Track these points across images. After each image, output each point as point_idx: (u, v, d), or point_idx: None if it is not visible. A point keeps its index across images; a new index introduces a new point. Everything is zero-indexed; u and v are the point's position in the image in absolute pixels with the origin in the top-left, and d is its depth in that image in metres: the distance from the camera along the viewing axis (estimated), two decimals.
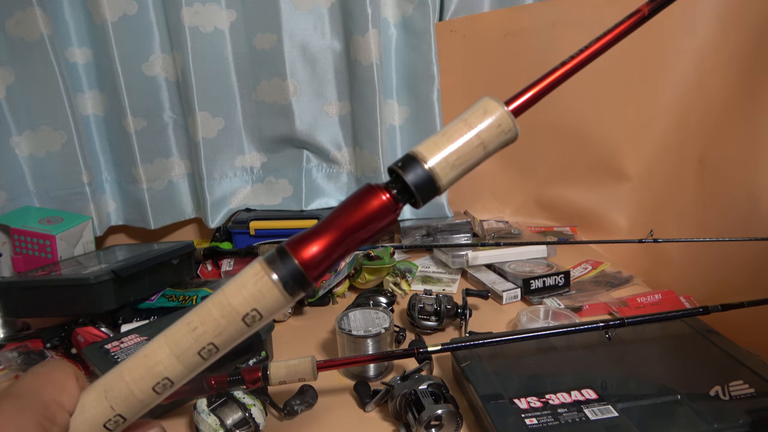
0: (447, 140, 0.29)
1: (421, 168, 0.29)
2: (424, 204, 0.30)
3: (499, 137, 0.30)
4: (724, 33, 0.89)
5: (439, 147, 0.29)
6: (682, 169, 0.96)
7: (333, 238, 0.28)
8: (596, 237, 1.16)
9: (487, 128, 0.29)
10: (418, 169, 0.29)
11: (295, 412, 0.67)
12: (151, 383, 0.29)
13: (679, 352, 0.70)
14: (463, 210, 1.28)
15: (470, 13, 1.15)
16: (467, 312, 0.86)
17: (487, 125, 0.29)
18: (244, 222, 1.16)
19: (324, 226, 0.29)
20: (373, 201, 0.29)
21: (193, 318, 0.28)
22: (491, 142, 0.30)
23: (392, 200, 0.29)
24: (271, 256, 0.28)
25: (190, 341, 0.28)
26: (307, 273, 0.28)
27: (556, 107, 1.14)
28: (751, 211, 0.80)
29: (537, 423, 0.56)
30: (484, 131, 0.29)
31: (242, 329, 0.28)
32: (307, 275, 0.28)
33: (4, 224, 1.01)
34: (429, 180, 0.29)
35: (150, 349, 0.29)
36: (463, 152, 0.29)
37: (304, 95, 1.15)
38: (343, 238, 0.28)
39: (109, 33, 1.03)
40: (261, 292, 0.27)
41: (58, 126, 1.05)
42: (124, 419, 0.30)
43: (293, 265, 0.28)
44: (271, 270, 0.27)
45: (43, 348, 0.83)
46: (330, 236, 0.28)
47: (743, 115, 0.84)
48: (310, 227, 0.29)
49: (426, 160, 0.29)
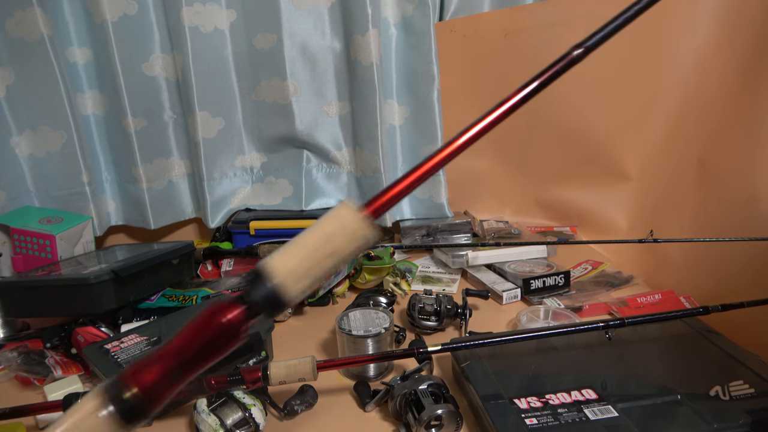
0: (300, 250, 0.29)
1: (268, 284, 0.29)
2: (276, 313, 0.30)
3: (352, 244, 0.30)
4: (724, 33, 0.89)
5: (291, 259, 0.29)
6: (682, 169, 0.96)
7: (172, 363, 0.27)
8: (596, 237, 1.16)
9: (340, 234, 0.29)
10: (264, 286, 0.29)
11: (295, 412, 0.67)
12: None
13: (679, 352, 0.70)
14: (463, 210, 1.28)
15: (470, 13, 1.15)
16: (467, 312, 0.86)
17: (341, 231, 0.29)
18: (244, 222, 1.16)
19: (164, 351, 0.27)
20: (219, 319, 0.28)
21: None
22: (344, 248, 0.30)
23: (245, 314, 0.29)
24: (108, 386, 0.27)
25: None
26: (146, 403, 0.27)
27: (557, 107, 1.14)
28: (751, 212, 0.80)
29: (537, 423, 0.56)
30: (338, 239, 0.29)
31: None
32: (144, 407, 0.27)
33: (4, 224, 1.01)
34: (274, 296, 0.29)
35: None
36: (314, 262, 0.29)
37: (304, 95, 1.15)
38: (184, 362, 0.28)
39: (109, 33, 1.03)
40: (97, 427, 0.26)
41: (58, 126, 1.05)
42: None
43: (133, 396, 0.27)
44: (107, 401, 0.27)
45: (43, 348, 0.83)
46: (170, 361, 0.27)
47: (743, 115, 0.84)
48: (155, 349, 0.28)
49: (273, 276, 0.29)
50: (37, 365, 0.77)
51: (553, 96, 1.14)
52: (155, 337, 0.76)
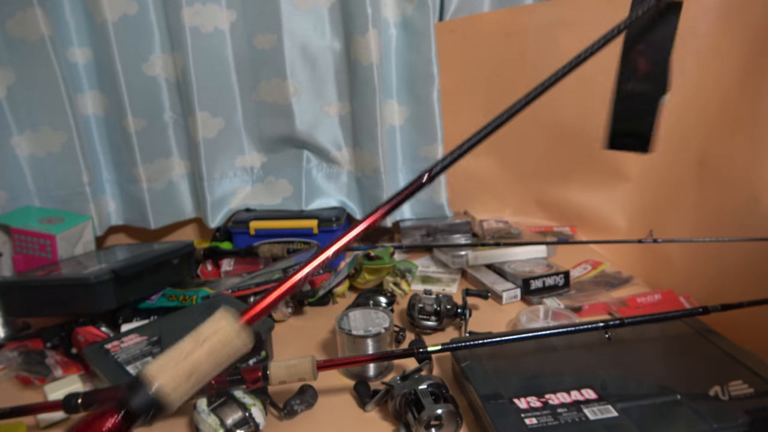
0: (178, 355, 0.31)
1: (145, 392, 0.30)
2: (159, 416, 0.31)
3: (226, 348, 0.32)
4: (724, 33, 0.89)
5: (169, 364, 0.31)
6: (681, 169, 0.96)
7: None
8: (596, 237, 1.16)
9: (216, 341, 0.32)
10: (143, 394, 0.30)
11: (295, 412, 0.67)
12: None
13: (678, 352, 0.70)
14: (463, 210, 1.29)
15: (470, 13, 1.15)
16: (467, 312, 0.86)
17: (219, 339, 0.32)
18: (244, 222, 1.16)
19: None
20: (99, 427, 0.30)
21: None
22: (221, 353, 0.32)
23: (122, 421, 0.30)
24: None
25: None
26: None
27: (556, 108, 1.14)
28: (751, 211, 0.80)
29: (537, 423, 0.56)
30: (216, 344, 0.32)
31: None
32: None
33: (4, 224, 1.01)
34: (154, 401, 0.31)
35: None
36: (192, 365, 0.31)
37: (304, 95, 1.15)
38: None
39: (109, 33, 1.03)
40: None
41: (58, 126, 1.05)
42: None
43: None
44: None
45: (44, 348, 0.83)
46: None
47: (743, 115, 0.84)
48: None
49: (152, 382, 0.31)
50: (38, 365, 0.77)
51: (553, 96, 1.14)
52: (155, 336, 0.76)
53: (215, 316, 0.33)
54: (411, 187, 0.48)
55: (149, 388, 0.30)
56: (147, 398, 0.30)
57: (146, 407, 0.31)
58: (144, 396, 0.30)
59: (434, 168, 0.48)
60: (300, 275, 0.39)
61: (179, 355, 0.31)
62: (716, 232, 0.85)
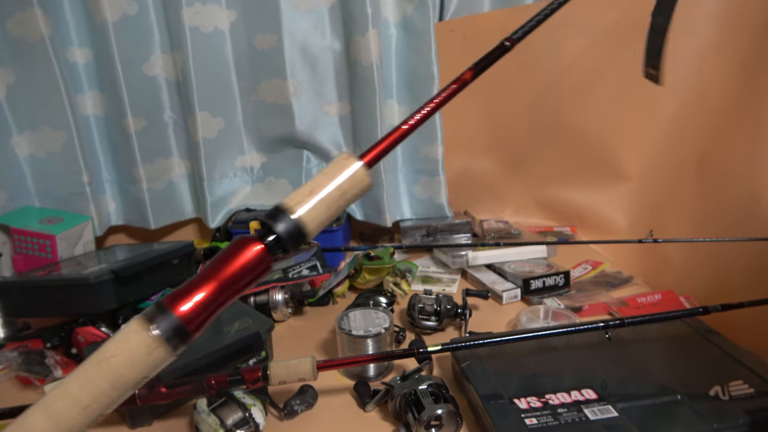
0: (312, 193, 0.33)
1: (289, 219, 0.32)
2: (295, 248, 0.33)
3: (356, 187, 0.34)
4: (724, 33, 0.89)
5: (306, 199, 0.33)
6: (682, 169, 0.96)
7: (211, 290, 0.30)
8: (596, 237, 1.16)
9: (346, 180, 0.34)
10: (286, 220, 0.32)
11: (295, 412, 0.67)
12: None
13: (678, 352, 0.70)
14: (463, 210, 1.28)
15: (470, 13, 1.15)
16: (467, 312, 0.86)
17: (346, 178, 0.34)
18: (244, 222, 1.16)
19: (202, 279, 0.30)
20: (247, 252, 0.31)
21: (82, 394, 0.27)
22: (350, 191, 0.34)
23: (265, 250, 0.31)
24: (149, 313, 0.29)
25: (80, 419, 0.28)
26: (188, 326, 0.29)
27: (557, 108, 1.14)
28: (751, 211, 0.80)
29: (537, 423, 0.56)
30: (344, 183, 0.33)
31: (131, 391, 0.29)
32: (187, 328, 0.29)
33: (4, 224, 1.01)
34: (296, 228, 0.32)
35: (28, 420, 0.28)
36: (326, 202, 0.33)
37: (304, 95, 1.15)
38: (220, 289, 0.30)
39: (109, 33, 1.03)
40: (143, 350, 0.28)
41: (58, 126, 1.05)
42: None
43: (173, 320, 0.28)
44: (150, 325, 0.28)
45: (44, 348, 0.83)
46: (207, 289, 0.30)
47: (743, 115, 0.84)
48: (187, 281, 0.30)
49: (293, 210, 0.32)
50: (38, 365, 0.77)
51: (554, 96, 1.15)
52: None
53: (341, 159, 0.34)
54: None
55: (291, 216, 0.32)
56: (291, 224, 0.32)
57: (289, 233, 0.32)
58: (288, 222, 0.32)
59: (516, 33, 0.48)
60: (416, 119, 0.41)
61: (312, 190, 0.33)
62: (716, 232, 0.85)
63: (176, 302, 0.29)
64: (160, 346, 0.28)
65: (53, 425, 0.28)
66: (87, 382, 0.28)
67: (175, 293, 0.30)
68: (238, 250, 0.31)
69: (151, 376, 0.29)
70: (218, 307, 0.30)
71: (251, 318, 0.78)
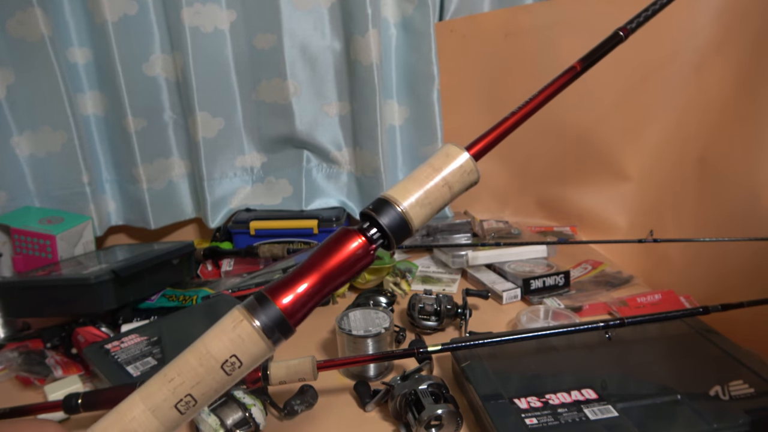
0: (417, 184, 0.31)
1: (395, 211, 0.30)
2: (399, 245, 0.31)
3: (463, 179, 0.32)
4: (724, 33, 0.89)
5: (411, 191, 0.31)
6: (682, 168, 0.96)
7: (313, 283, 0.28)
8: (596, 237, 1.16)
9: (452, 172, 0.32)
10: (392, 212, 0.30)
11: (295, 412, 0.67)
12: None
13: (679, 352, 0.70)
14: (463, 210, 1.28)
15: (470, 13, 1.15)
16: (467, 312, 0.86)
17: (452, 169, 0.32)
18: (244, 222, 1.16)
19: (303, 271, 0.29)
20: (350, 245, 0.29)
21: (170, 369, 0.27)
22: (456, 184, 0.32)
23: (367, 243, 0.30)
24: (250, 304, 0.28)
25: (165, 393, 0.27)
26: (289, 319, 0.28)
27: (557, 107, 1.14)
28: (751, 211, 0.80)
29: (537, 423, 0.56)
30: (449, 175, 0.31)
31: (222, 378, 0.27)
32: (289, 321, 0.28)
33: (4, 224, 1.01)
34: (403, 222, 0.30)
35: (125, 405, 0.27)
36: (432, 195, 0.31)
37: (304, 95, 1.15)
38: (322, 283, 0.29)
39: (109, 33, 1.03)
40: (240, 338, 0.27)
41: (58, 126, 1.05)
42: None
43: (275, 312, 0.27)
44: (251, 317, 0.27)
45: (44, 348, 0.83)
46: (310, 281, 0.28)
47: (743, 114, 0.84)
48: (288, 273, 0.29)
49: (399, 203, 0.30)
50: (38, 365, 0.77)
51: (554, 96, 1.15)
52: (155, 337, 0.76)
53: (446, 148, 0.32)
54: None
55: (396, 208, 0.30)
56: (397, 216, 0.30)
57: (397, 225, 0.30)
58: (394, 214, 0.30)
59: None
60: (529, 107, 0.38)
61: (418, 185, 0.31)
62: (717, 231, 0.85)
63: (278, 294, 0.28)
64: (261, 340, 0.27)
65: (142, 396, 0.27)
66: (176, 359, 0.27)
67: (277, 284, 0.29)
68: (340, 243, 0.30)
69: (248, 366, 0.28)
70: (318, 301, 0.29)
71: None
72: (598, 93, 1.09)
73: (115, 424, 0.26)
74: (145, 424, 0.26)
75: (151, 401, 0.26)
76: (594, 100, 1.10)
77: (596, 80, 1.08)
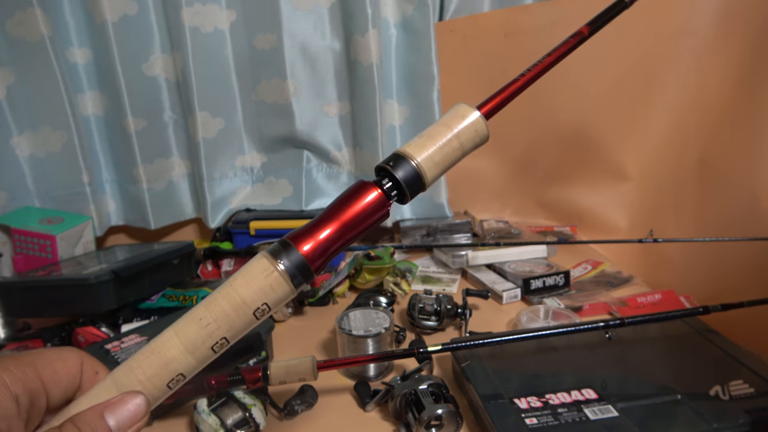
0: (431, 141, 0.32)
1: (410, 165, 0.31)
2: (411, 198, 0.32)
3: (474, 138, 0.33)
4: (723, 33, 0.89)
5: (425, 147, 0.32)
6: (682, 168, 0.96)
7: (332, 231, 0.30)
8: (596, 237, 1.16)
9: (464, 130, 0.33)
10: (407, 166, 0.31)
11: (295, 412, 0.67)
12: (166, 380, 0.29)
13: (679, 352, 0.70)
14: (463, 210, 1.28)
15: (470, 13, 1.15)
16: (467, 312, 0.86)
17: (465, 127, 0.33)
18: (245, 222, 1.16)
19: (323, 220, 0.30)
20: (367, 196, 0.31)
21: (205, 314, 0.29)
22: (468, 143, 0.33)
23: (384, 195, 0.31)
24: (275, 250, 0.29)
25: (203, 337, 0.29)
26: (311, 265, 0.29)
27: (557, 107, 1.14)
28: (751, 211, 0.80)
29: (537, 423, 0.56)
30: (462, 132, 0.32)
31: (251, 322, 0.30)
32: (310, 266, 0.29)
33: (4, 224, 1.01)
34: (417, 176, 0.31)
35: (162, 345, 0.29)
36: (444, 151, 0.32)
37: (304, 95, 1.15)
38: (341, 231, 0.30)
39: (109, 33, 1.03)
40: (271, 287, 0.29)
41: (58, 126, 1.05)
42: None
43: (297, 257, 0.29)
44: (277, 262, 0.29)
45: (44, 348, 0.83)
46: (329, 229, 0.30)
47: (743, 114, 0.84)
48: (309, 221, 0.31)
49: (414, 158, 0.31)
50: None
51: (553, 96, 1.15)
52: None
53: (458, 107, 0.33)
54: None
55: (411, 163, 0.31)
56: (411, 169, 0.31)
57: (411, 178, 0.31)
58: (408, 168, 0.31)
59: None
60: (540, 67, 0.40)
61: (432, 142, 0.32)
62: (717, 231, 0.85)
63: (300, 240, 0.30)
64: (285, 282, 0.29)
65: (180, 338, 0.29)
66: (209, 303, 0.29)
67: (299, 232, 0.30)
68: (358, 194, 0.31)
69: (273, 310, 0.30)
70: (338, 249, 0.31)
71: None
72: (599, 93, 1.10)
73: (155, 362, 0.29)
74: (185, 363, 0.29)
75: (190, 344, 0.29)
76: (594, 100, 1.10)
77: (597, 80, 1.09)
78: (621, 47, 1.03)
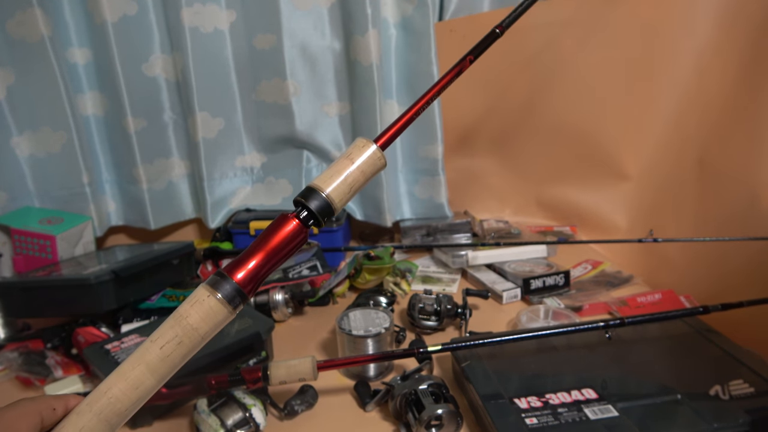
0: (337, 174, 0.38)
1: (320, 196, 0.38)
2: (325, 225, 0.39)
3: (374, 165, 0.39)
4: (723, 33, 0.89)
5: (332, 179, 0.38)
6: (681, 168, 0.96)
7: (260, 260, 0.36)
8: (596, 237, 1.16)
9: (365, 162, 0.39)
10: (319, 198, 0.38)
11: (295, 412, 0.67)
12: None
13: (679, 351, 0.70)
14: (463, 210, 1.28)
15: (470, 13, 1.14)
16: (467, 312, 0.86)
17: (364, 160, 0.39)
18: (244, 222, 1.16)
19: (251, 251, 0.37)
20: (287, 227, 0.37)
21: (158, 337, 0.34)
22: (368, 170, 0.39)
23: (301, 224, 0.38)
24: (213, 280, 0.35)
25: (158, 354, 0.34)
26: (244, 289, 0.35)
27: (557, 107, 1.14)
28: (751, 211, 0.80)
29: (537, 422, 0.56)
30: (363, 164, 0.39)
31: (199, 341, 0.35)
32: (243, 291, 0.35)
33: (4, 224, 1.01)
34: (327, 205, 0.38)
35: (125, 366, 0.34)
36: (348, 181, 0.38)
37: (304, 95, 1.15)
38: (266, 258, 0.36)
39: (109, 33, 1.03)
40: (211, 309, 0.34)
41: (58, 126, 1.05)
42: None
43: (232, 285, 0.35)
44: (215, 291, 0.35)
45: (44, 348, 0.83)
46: (256, 259, 0.36)
47: (743, 114, 0.84)
48: (240, 254, 0.37)
49: (323, 189, 0.38)
50: (38, 365, 0.77)
51: (554, 96, 1.15)
52: None
53: (358, 143, 0.40)
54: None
55: (322, 195, 0.37)
56: (322, 200, 0.37)
57: (323, 208, 0.37)
58: (319, 199, 0.37)
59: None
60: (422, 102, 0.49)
61: (337, 171, 0.38)
62: (716, 231, 0.85)
63: (234, 271, 0.36)
64: (225, 306, 0.35)
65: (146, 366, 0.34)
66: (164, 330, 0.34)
67: (232, 264, 0.36)
68: (278, 226, 0.38)
69: (215, 332, 0.36)
70: (266, 273, 0.37)
71: (251, 318, 0.78)
72: (599, 93, 1.10)
73: (118, 382, 0.34)
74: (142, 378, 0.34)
75: (147, 360, 0.34)
76: (594, 100, 1.10)
77: (597, 80, 1.09)
78: (621, 47, 1.03)
